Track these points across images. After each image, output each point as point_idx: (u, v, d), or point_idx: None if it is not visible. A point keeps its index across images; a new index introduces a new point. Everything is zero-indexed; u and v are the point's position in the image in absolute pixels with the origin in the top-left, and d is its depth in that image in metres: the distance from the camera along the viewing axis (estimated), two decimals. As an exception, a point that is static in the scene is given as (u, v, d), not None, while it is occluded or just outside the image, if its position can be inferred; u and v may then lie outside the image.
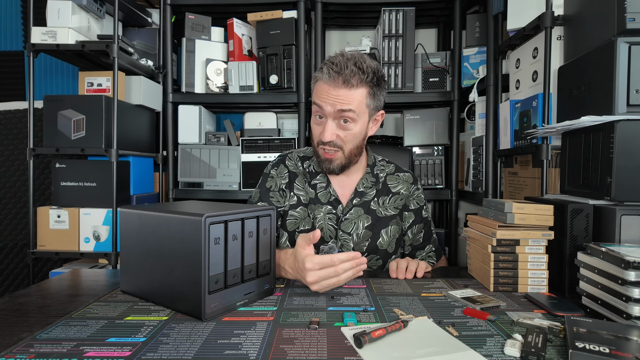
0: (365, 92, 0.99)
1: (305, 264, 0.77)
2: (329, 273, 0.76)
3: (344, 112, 0.97)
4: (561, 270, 0.84)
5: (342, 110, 0.97)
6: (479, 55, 1.81)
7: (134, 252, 0.77)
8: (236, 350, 0.57)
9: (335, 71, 0.95)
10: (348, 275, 0.78)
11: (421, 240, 1.15)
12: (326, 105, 0.97)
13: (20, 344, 0.58)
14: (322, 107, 0.98)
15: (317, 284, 0.77)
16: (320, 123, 1.02)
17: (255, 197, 1.15)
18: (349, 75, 0.95)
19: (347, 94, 0.96)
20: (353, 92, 0.97)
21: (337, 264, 0.76)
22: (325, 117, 0.99)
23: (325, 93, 0.97)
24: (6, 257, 2.18)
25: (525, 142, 1.32)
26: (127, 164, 1.78)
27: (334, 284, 0.78)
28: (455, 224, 1.91)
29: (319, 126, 1.02)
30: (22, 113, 2.20)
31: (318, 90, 1.00)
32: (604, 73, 0.92)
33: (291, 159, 1.17)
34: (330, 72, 0.96)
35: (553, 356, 0.55)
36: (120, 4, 1.70)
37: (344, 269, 0.77)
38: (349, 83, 0.95)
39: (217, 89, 1.94)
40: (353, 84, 0.96)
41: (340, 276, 0.77)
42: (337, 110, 0.97)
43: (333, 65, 0.96)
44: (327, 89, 0.97)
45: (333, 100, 0.96)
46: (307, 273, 0.76)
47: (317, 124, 1.03)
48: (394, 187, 1.14)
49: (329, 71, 0.96)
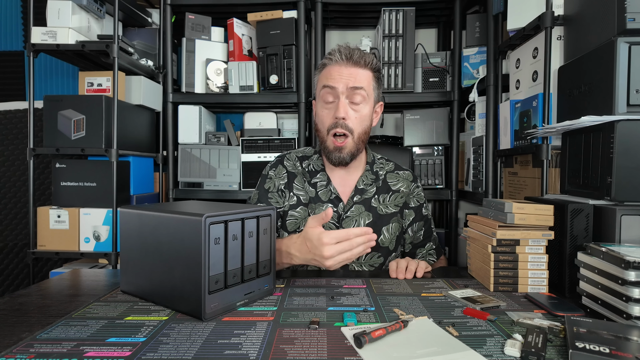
0: (371, 75, 1.05)
1: (322, 240, 0.79)
2: (345, 247, 0.79)
3: (356, 89, 1.02)
4: (561, 270, 0.84)
5: (355, 87, 1.02)
6: (479, 55, 1.81)
7: (134, 252, 0.77)
8: (236, 350, 0.57)
9: (345, 53, 1.03)
10: (360, 250, 0.80)
11: (421, 238, 1.15)
12: (339, 84, 1.02)
13: (20, 344, 0.58)
14: (335, 87, 1.02)
15: (332, 258, 0.79)
16: (331, 107, 1.04)
17: (254, 199, 1.16)
18: (358, 57, 1.03)
19: (358, 73, 1.03)
20: (362, 72, 1.03)
21: (352, 237, 0.79)
22: (337, 97, 1.02)
23: (336, 73, 1.02)
24: (6, 257, 2.18)
25: (525, 142, 1.32)
26: (127, 164, 1.78)
27: (348, 258, 0.80)
28: (455, 224, 1.91)
29: (329, 110, 1.04)
30: (22, 113, 2.20)
31: (328, 73, 1.04)
32: (604, 73, 0.92)
33: (289, 160, 1.17)
34: (341, 53, 1.03)
35: (553, 356, 0.55)
36: (120, 4, 1.70)
37: (358, 243, 0.79)
38: (359, 63, 1.03)
39: (217, 89, 1.94)
40: (362, 64, 1.03)
41: (353, 250, 0.79)
42: (350, 88, 1.02)
43: (343, 49, 1.04)
44: (338, 69, 1.03)
45: (346, 78, 1.02)
46: (325, 248, 0.79)
47: (327, 109, 1.05)
48: (394, 185, 1.14)
49: (340, 53, 1.03)
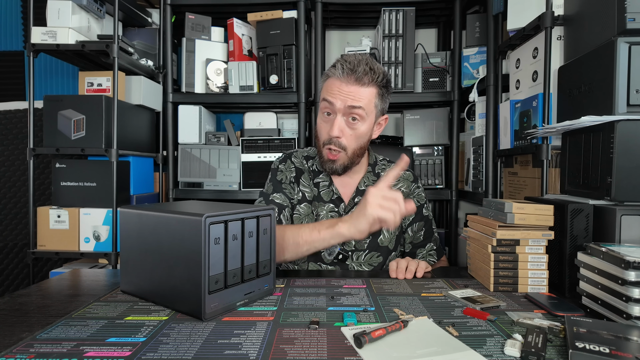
0: (375, 92, 1.01)
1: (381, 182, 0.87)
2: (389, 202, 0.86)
3: (354, 108, 0.99)
4: (561, 270, 0.84)
5: (353, 106, 0.98)
6: (479, 55, 1.81)
7: (134, 252, 0.77)
8: (236, 350, 0.57)
9: (349, 68, 0.98)
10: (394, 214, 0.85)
11: (422, 238, 1.15)
12: (337, 101, 0.99)
13: (20, 344, 0.58)
14: (333, 103, 1.00)
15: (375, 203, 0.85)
16: (328, 120, 1.03)
17: (269, 189, 1.12)
18: (362, 73, 0.98)
19: (358, 91, 0.99)
20: (364, 90, 0.99)
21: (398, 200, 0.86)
22: (335, 113, 1.01)
23: (336, 89, 0.99)
24: (6, 257, 2.18)
25: (525, 142, 1.32)
26: (127, 164, 1.78)
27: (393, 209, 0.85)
28: (455, 224, 1.91)
29: (327, 123, 1.03)
30: (22, 113, 2.20)
31: (329, 87, 1.01)
32: (604, 73, 0.92)
33: (296, 157, 1.17)
34: (343, 68, 0.98)
35: (553, 356, 0.55)
36: (120, 4, 1.70)
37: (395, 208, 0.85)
38: (361, 81, 0.98)
39: (217, 89, 1.94)
40: (365, 82, 0.99)
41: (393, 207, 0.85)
42: (347, 107, 0.99)
43: (346, 63, 0.99)
44: (338, 85, 0.99)
45: (344, 96, 0.98)
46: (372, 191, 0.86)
47: (325, 122, 1.04)
48: (394, 185, 1.14)
49: (342, 67, 0.99)
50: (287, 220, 1.09)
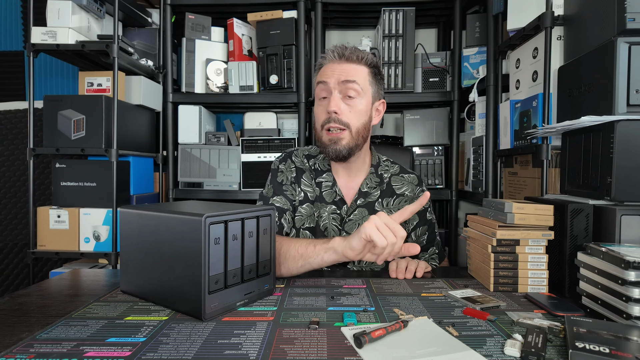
0: (367, 71, 1.05)
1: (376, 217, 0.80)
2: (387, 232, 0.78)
3: (349, 82, 1.01)
4: (561, 270, 0.84)
5: (347, 80, 1.01)
6: (479, 55, 1.81)
7: (134, 252, 0.77)
8: (236, 350, 0.57)
9: (338, 52, 1.04)
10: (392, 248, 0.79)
11: (424, 243, 1.14)
12: (331, 80, 1.02)
13: (20, 344, 0.58)
14: (327, 82, 1.02)
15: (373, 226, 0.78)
16: (324, 103, 1.04)
17: (269, 192, 1.11)
18: (350, 53, 1.04)
19: (350, 67, 1.03)
20: (356, 67, 1.04)
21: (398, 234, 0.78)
22: (330, 92, 1.03)
23: (329, 69, 1.04)
24: (6, 257, 2.18)
25: (525, 142, 1.32)
26: (127, 164, 1.78)
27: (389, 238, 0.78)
28: (455, 224, 1.91)
29: (323, 106, 1.04)
30: (22, 113, 2.20)
31: (322, 72, 1.06)
32: (604, 73, 0.92)
33: (297, 156, 1.16)
34: (333, 52, 1.05)
35: (553, 356, 0.55)
36: (120, 4, 1.70)
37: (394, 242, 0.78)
38: (351, 59, 1.04)
39: (217, 89, 1.94)
40: (354, 60, 1.04)
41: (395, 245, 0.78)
42: (342, 82, 1.01)
43: (336, 48, 1.05)
44: (331, 66, 1.04)
45: (338, 73, 1.02)
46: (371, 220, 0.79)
47: (321, 105, 1.05)
48: (398, 188, 1.13)
49: (332, 52, 1.05)
50: (289, 223, 1.08)
